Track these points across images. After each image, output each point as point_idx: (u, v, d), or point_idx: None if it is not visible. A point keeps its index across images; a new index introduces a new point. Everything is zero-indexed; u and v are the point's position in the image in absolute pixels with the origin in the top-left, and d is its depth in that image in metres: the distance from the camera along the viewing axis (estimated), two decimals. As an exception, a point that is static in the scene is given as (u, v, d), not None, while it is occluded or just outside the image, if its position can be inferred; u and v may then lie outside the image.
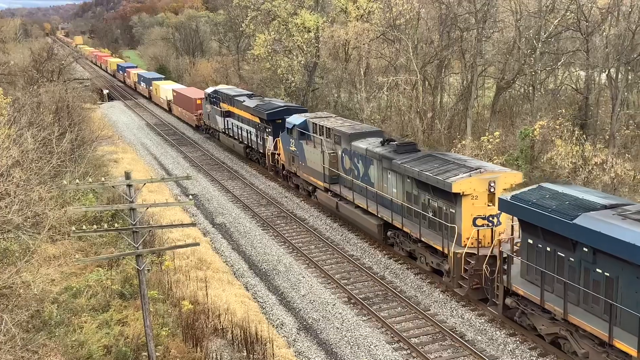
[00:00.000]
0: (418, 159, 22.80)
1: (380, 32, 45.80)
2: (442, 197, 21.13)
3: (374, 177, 25.83)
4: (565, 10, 36.40)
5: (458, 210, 20.52)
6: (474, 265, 19.71)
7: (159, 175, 39.20)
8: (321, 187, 30.35)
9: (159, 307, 19.12)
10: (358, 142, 27.05)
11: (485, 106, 47.80)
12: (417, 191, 22.74)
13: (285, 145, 34.05)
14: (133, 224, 14.44)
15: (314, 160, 30.53)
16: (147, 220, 26.86)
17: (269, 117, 36.36)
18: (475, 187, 20.07)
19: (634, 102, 40.24)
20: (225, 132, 46.14)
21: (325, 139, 29.47)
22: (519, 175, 21.34)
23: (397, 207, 23.96)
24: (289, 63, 51.05)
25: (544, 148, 32.76)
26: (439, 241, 21.19)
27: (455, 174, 20.40)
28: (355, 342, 18.65)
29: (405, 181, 23.45)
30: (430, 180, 21.04)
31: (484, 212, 20.37)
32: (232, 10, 70.25)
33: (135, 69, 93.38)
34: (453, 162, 21.50)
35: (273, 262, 25.39)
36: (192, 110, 55.40)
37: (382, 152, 25.04)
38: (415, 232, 22.48)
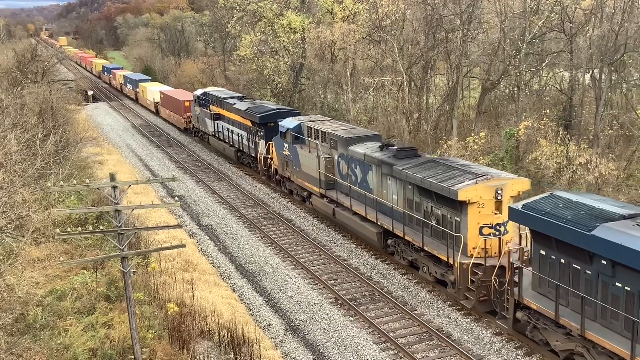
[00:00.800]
0: (420, 165, 21.96)
1: (366, 33, 45.88)
2: (446, 204, 20.29)
3: (372, 183, 24.96)
4: (550, 11, 36.67)
5: (464, 218, 19.65)
6: (482, 277, 18.96)
7: (145, 177, 39.00)
8: (317, 193, 29.45)
9: (145, 309, 18.99)
10: (355, 147, 26.20)
11: (470, 107, 48.05)
12: (419, 198, 21.89)
13: (279, 149, 33.15)
14: (118, 226, 14.34)
15: (308, 165, 29.65)
16: (133, 222, 26.71)
17: (261, 121, 35.54)
18: (482, 194, 19.26)
19: (618, 103, 40.63)
20: (215, 135, 45.34)
21: (321, 143, 28.63)
22: (527, 182, 20.51)
23: (398, 215, 23.11)
24: (275, 64, 51.00)
25: (529, 148, 32.97)
26: (443, 251, 20.31)
27: (461, 181, 19.60)
28: (343, 343, 18.65)
29: (406, 187, 22.57)
30: (434, 188, 20.20)
31: (490, 220, 19.57)
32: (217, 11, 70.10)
33: (121, 70, 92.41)
34: (457, 168, 20.66)
35: (260, 263, 25.33)
36: (180, 113, 54.67)
37: (381, 157, 24.17)
38: (418, 240, 21.61)
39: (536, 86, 42.66)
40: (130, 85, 78.26)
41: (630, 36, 33.07)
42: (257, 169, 37.94)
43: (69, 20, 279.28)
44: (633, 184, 32.79)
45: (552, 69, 41.45)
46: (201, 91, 48.63)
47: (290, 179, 32.70)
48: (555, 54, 38.87)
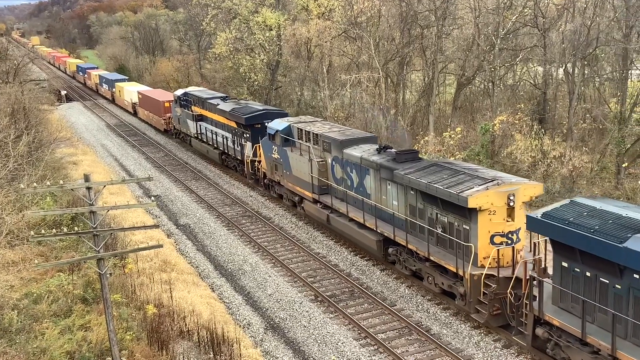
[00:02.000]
0: (423, 169, 20.61)
1: (342, 29, 45.92)
2: (454, 211, 19.04)
3: (370, 188, 23.64)
4: (523, 7, 37.07)
5: (473, 226, 18.42)
6: (495, 289, 17.69)
7: (120, 177, 38.59)
8: (309, 198, 27.91)
9: (123, 310, 18.80)
10: (351, 150, 24.84)
11: (446, 102, 48.41)
12: (422, 204, 20.58)
13: (267, 152, 31.64)
14: (94, 227, 14.16)
15: (300, 168, 28.19)
16: (109, 222, 26.42)
17: (247, 122, 34.04)
18: (493, 201, 17.96)
19: (590, 97, 41.22)
20: (197, 137, 43.72)
21: (313, 145, 27.19)
22: (539, 186, 19.27)
23: (400, 222, 21.81)
24: (251, 62, 50.83)
25: (504, 142, 33.33)
26: (451, 261, 19.01)
27: (469, 186, 18.33)
28: (323, 340, 18.67)
29: (408, 193, 21.28)
30: (440, 194, 18.89)
31: (502, 228, 18.32)
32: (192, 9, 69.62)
33: (96, 70, 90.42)
34: (463, 173, 19.45)
35: (239, 262, 25.23)
36: (160, 114, 52.72)
37: (380, 161, 22.83)
38: (423, 250, 20.29)
39: (510, 81, 43.16)
40: (106, 86, 76.20)
41: (602, 30, 33.57)
42: (244, 173, 36.47)
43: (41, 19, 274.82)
44: (606, 176, 33.36)
45: (526, 63, 41.92)
46: (182, 91, 47.04)
47: (279, 183, 31.23)
48: (528, 49, 39.31)
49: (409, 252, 21.50)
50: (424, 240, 20.49)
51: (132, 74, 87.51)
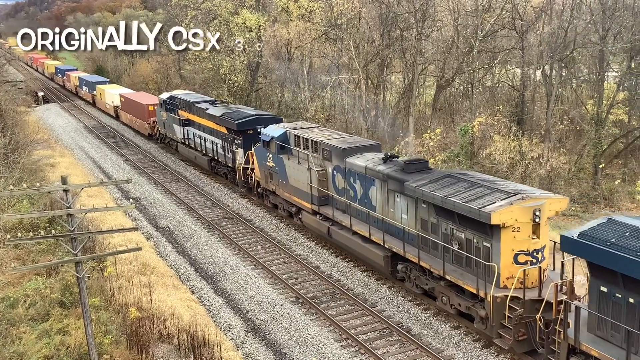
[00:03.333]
0: (436, 181, 19.27)
1: (322, 31, 45.96)
2: (472, 227, 17.71)
3: (376, 200, 22.23)
4: (501, 9, 37.43)
5: (495, 244, 17.10)
6: (521, 313, 16.31)
7: (98, 179, 38.19)
8: (308, 209, 26.38)
9: (102, 314, 18.60)
10: (354, 159, 23.40)
11: (426, 104, 48.72)
12: (436, 219, 19.23)
13: (261, 160, 30.06)
14: (71, 230, 13.99)
15: (297, 178, 26.65)
16: (87, 225, 26.09)
17: (239, 128, 32.44)
18: (518, 217, 16.62)
19: (568, 98, 41.76)
20: (184, 142, 41.91)
21: (312, 154, 25.69)
22: (565, 200, 18.12)
23: (410, 237, 20.45)
24: (231, 63, 50.65)
25: (483, 144, 33.61)
26: (470, 281, 17.64)
27: (491, 200, 17.04)
28: (304, 342, 18.64)
29: (419, 206, 19.91)
30: (459, 209, 17.53)
31: (527, 246, 16.97)
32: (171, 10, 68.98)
33: (76, 71, 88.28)
34: (481, 185, 18.16)
35: (219, 264, 25.10)
36: (143, 118, 50.73)
37: (387, 172, 21.41)
38: (437, 268, 18.89)
39: (489, 83, 43.52)
40: (87, 88, 74.11)
41: (578, 33, 34.04)
42: (235, 181, 34.86)
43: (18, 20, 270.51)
44: (584, 177, 33.82)
45: (504, 65, 42.34)
46: (167, 95, 45.31)
47: (275, 193, 29.55)
48: (507, 51, 39.70)
49: (421, 269, 20.06)
50: (437, 258, 19.17)
51: (111, 76, 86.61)
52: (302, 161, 26.24)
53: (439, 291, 19.41)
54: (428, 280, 19.94)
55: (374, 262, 22.32)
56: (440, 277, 18.94)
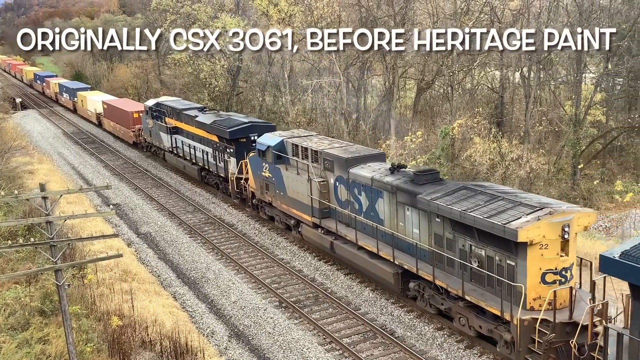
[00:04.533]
0: (451, 194, 18.13)
1: (303, 35, 45.96)
2: (494, 244, 16.51)
3: (383, 213, 21.05)
4: (479, 12, 37.75)
5: (521, 263, 15.91)
6: (552, 337, 15.21)
7: (78, 185, 37.79)
8: (308, 222, 25.06)
9: (83, 322, 18.38)
10: (358, 169, 22.24)
11: (407, 107, 48.94)
12: (452, 234, 18.03)
13: (256, 170, 28.63)
14: (50, 238, 13.82)
15: (296, 189, 25.40)
16: (66, 233, 25.81)
17: (231, 136, 31.04)
18: (545, 233, 15.47)
19: (546, 100, 42.22)
20: (172, 151, 40.33)
21: (312, 164, 24.45)
22: (594, 215, 16.92)
23: (422, 253, 19.28)
24: (212, 67, 50.49)
25: (464, 146, 33.85)
26: (493, 302, 16.45)
27: (515, 215, 15.90)
28: (288, 346, 18.59)
29: (433, 221, 18.74)
30: (480, 224, 16.36)
31: (555, 264, 15.84)
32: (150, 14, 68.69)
33: (56, 78, 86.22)
34: (502, 198, 17.01)
35: (202, 269, 24.96)
36: (128, 125, 48.87)
37: (396, 183, 20.24)
38: (455, 287, 17.68)
39: (469, 85, 43.86)
40: (67, 95, 72.06)
41: (555, 35, 34.33)
42: (227, 192, 33.42)
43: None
44: (563, 177, 34.20)
45: (483, 68, 42.70)
46: (153, 101, 43.65)
47: (271, 204, 28.19)
48: (485, 54, 40.02)
49: (435, 288, 18.82)
50: (454, 276, 18.03)
51: (90, 81, 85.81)
52: (302, 171, 25.04)
53: (456, 312, 18.18)
54: (444, 299, 18.63)
55: (382, 279, 21.07)
56: (459, 297, 17.66)
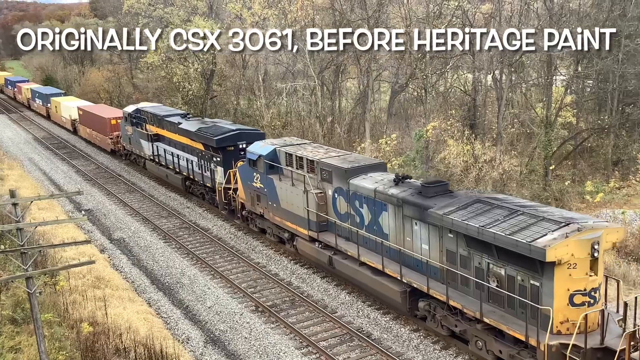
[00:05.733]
0: (465, 207, 17.02)
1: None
2: (515, 263, 15.40)
3: (388, 227, 19.88)
4: (452, 16, 38.10)
5: (547, 283, 14.78)
6: None
7: (49, 191, 37.19)
8: (304, 236, 23.82)
9: (56, 330, 18.07)
10: (359, 180, 21.01)
11: (382, 109, 49.20)
12: (467, 251, 16.90)
13: (246, 180, 27.31)
14: (21, 245, 13.56)
15: (291, 201, 24.05)
16: (37, 239, 25.38)
17: (218, 144, 29.75)
18: (574, 251, 14.38)
19: (518, 102, 42.79)
20: (153, 159, 38.81)
21: (309, 174, 23.23)
22: (622, 230, 16.03)
23: (433, 271, 18.17)
24: (185, 71, 50.16)
25: (438, 148, 34.12)
26: (516, 325, 15.36)
27: (539, 232, 14.78)
28: (265, 351, 18.50)
29: (445, 236, 17.57)
30: (500, 241, 15.22)
31: (584, 285, 14.70)
32: (122, 18, 68.05)
33: (28, 83, 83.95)
34: (522, 212, 15.96)
35: (176, 275, 24.73)
36: (105, 132, 47.03)
37: (402, 196, 19.05)
38: (472, 308, 16.53)
39: (442, 88, 44.24)
40: (40, 101, 69.81)
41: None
42: (215, 202, 31.96)
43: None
44: (535, 179, 34.66)
45: (456, 71, 43.11)
46: (133, 108, 42.01)
47: (263, 216, 26.86)
48: (458, 57, 40.42)
49: (448, 308, 17.69)
50: (469, 295, 16.96)
51: (61, 85, 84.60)
52: (297, 182, 23.72)
53: (472, 334, 16.99)
54: (459, 321, 17.42)
55: (387, 297, 19.82)
56: (476, 319, 16.53)
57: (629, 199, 31.43)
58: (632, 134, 36.81)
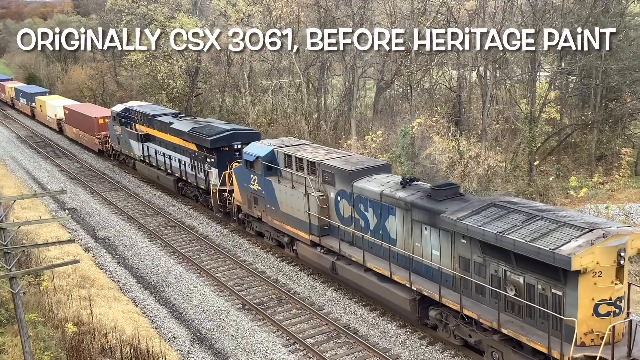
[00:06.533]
0: (479, 212, 16.28)
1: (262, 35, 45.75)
2: (535, 270, 14.68)
3: (395, 231, 19.12)
4: (436, 12, 38.21)
5: (571, 293, 14.04)
6: None
7: (32, 190, 36.82)
8: (305, 240, 23.00)
9: (40, 330, 17.90)
10: (363, 183, 20.24)
11: (367, 106, 49.23)
12: (481, 257, 16.13)
13: (243, 182, 26.38)
14: (4, 245, 13.41)
15: (291, 204, 23.23)
16: (21, 239, 25.14)
17: (213, 145, 28.78)
18: (600, 259, 13.69)
19: (502, 98, 43.01)
20: (144, 160, 37.75)
21: (310, 176, 22.44)
22: None
23: (445, 278, 17.36)
24: (169, 68, 49.86)
25: (424, 144, 34.19)
26: (538, 337, 14.58)
27: (562, 238, 14.06)
28: (252, 349, 18.46)
29: (457, 242, 16.86)
30: (521, 249, 14.46)
31: (610, 294, 13.98)
32: (105, 15, 67.48)
33: (11, 82, 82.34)
34: (540, 217, 15.23)
35: (162, 273, 24.60)
36: (92, 132, 45.78)
37: (411, 199, 18.27)
38: (489, 318, 15.69)
39: (427, 85, 44.35)
40: (24, 100, 68.37)
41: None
42: (209, 205, 30.91)
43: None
44: (520, 174, 34.87)
45: (441, 67, 43.23)
46: (122, 107, 40.79)
47: (260, 219, 26.04)
48: (443, 54, 40.54)
49: (462, 318, 16.88)
50: (482, 304, 16.25)
51: (44, 83, 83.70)
52: (297, 185, 22.96)
53: (488, 345, 16.22)
54: (473, 331, 16.66)
55: (395, 305, 19.08)
56: (492, 329, 15.76)
57: (613, 193, 31.75)
58: (615, 129, 37.16)
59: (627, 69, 34.48)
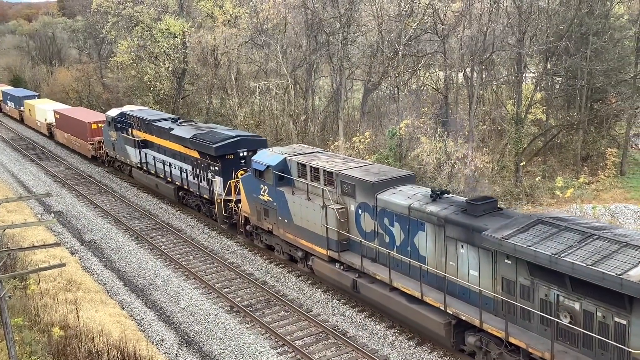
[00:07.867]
0: (525, 230, 14.87)
1: (249, 37, 45.73)
2: (594, 296, 13.36)
3: (425, 248, 17.73)
4: (423, 14, 38.31)
5: (638, 322, 12.64)
6: None
7: (17, 193, 36.49)
8: (322, 256, 21.47)
9: (26, 334, 17.72)
10: (388, 195, 18.86)
11: (355, 107, 49.26)
12: (529, 280, 14.78)
13: (252, 192, 24.92)
14: (-12, 248, 13.27)
15: (306, 217, 21.75)
16: (6, 242, 24.89)
17: (217, 153, 27.33)
18: None
19: (489, 99, 43.22)
20: (141, 167, 36.17)
21: (327, 187, 20.99)
22: None
23: (484, 301, 15.91)
24: (156, 70, 49.64)
25: (411, 145, 34.27)
26: None
27: (628, 262, 12.80)
28: (240, 351, 18.40)
29: (500, 262, 15.43)
30: (581, 274, 13.06)
31: None
32: (91, 16, 67.08)
33: None
34: (598, 236, 13.97)
35: (150, 276, 24.45)
36: (85, 137, 44.25)
37: (444, 214, 16.92)
38: (540, 348, 14.30)
39: (414, 86, 44.45)
40: (12, 103, 66.93)
41: (497, 36, 35.23)
42: (213, 215, 29.52)
43: None
44: (506, 175, 35.05)
45: (428, 69, 43.36)
46: (117, 111, 39.26)
47: (271, 232, 24.55)
48: (430, 55, 40.67)
49: (506, 345, 15.40)
50: (530, 330, 14.87)
51: (29, 85, 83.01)
52: (313, 196, 21.58)
53: None
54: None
55: (426, 329, 17.63)
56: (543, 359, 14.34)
57: (598, 194, 31.98)
58: (601, 130, 37.43)
59: (612, 70, 34.77)
